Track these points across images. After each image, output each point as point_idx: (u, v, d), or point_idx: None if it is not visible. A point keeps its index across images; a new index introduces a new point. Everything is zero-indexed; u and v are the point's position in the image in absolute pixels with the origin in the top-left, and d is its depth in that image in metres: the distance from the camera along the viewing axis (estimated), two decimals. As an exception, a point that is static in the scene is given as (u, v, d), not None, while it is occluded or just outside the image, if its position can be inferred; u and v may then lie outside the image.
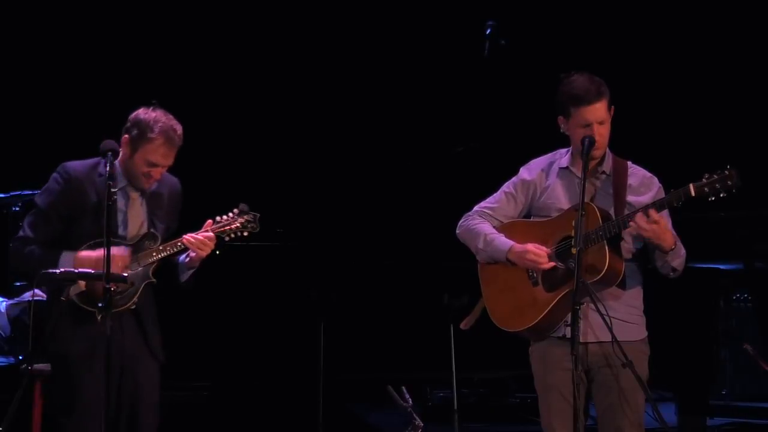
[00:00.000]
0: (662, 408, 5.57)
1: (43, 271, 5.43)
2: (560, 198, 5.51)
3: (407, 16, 9.71)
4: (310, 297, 8.22)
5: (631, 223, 5.26)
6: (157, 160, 5.60)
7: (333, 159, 9.65)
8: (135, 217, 5.70)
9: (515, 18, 8.86)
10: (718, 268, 7.90)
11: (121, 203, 5.65)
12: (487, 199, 5.68)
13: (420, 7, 9.70)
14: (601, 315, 5.24)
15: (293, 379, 8.56)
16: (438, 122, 9.44)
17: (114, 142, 5.54)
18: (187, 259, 5.72)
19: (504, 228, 5.59)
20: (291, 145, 9.73)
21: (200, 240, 5.64)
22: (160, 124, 5.58)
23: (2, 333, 7.22)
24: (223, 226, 5.72)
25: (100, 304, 5.34)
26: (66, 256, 5.54)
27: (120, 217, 5.65)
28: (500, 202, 5.64)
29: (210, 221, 5.72)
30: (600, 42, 9.37)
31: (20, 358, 7.08)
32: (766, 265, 7.77)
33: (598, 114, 5.39)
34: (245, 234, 5.76)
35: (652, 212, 5.21)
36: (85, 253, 5.54)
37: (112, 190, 5.53)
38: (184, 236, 5.66)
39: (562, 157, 5.59)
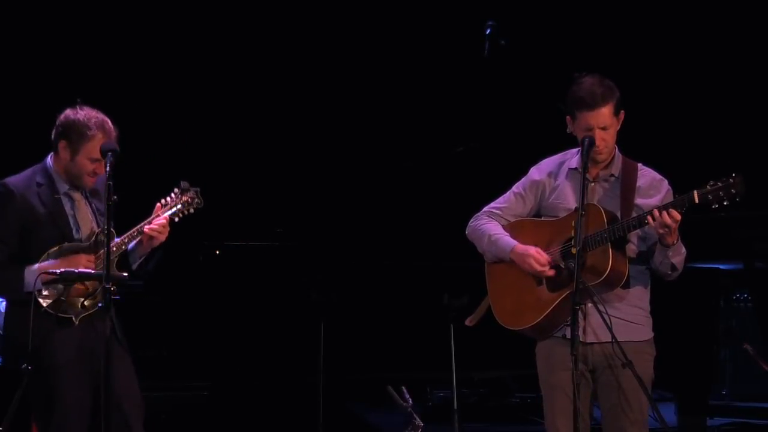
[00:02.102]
0: (662, 408, 5.57)
1: (44, 272, 5.43)
2: (569, 198, 5.50)
3: (407, 16, 9.71)
4: (310, 297, 8.22)
5: (649, 218, 5.23)
6: (99, 155, 5.59)
7: (333, 159, 9.65)
8: (84, 218, 5.69)
9: (515, 18, 8.86)
10: (718, 268, 7.90)
11: (67, 207, 5.66)
12: (497, 200, 5.68)
13: (420, 7, 9.70)
14: (602, 315, 5.24)
15: (293, 378, 8.56)
16: (438, 122, 9.44)
17: (114, 142, 5.55)
18: (137, 246, 5.70)
19: (511, 226, 5.60)
20: (290, 145, 9.72)
21: (159, 227, 5.63)
22: (93, 120, 5.61)
23: (2, 333, 7.21)
24: (171, 207, 5.71)
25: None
26: (29, 271, 5.52)
27: (71, 221, 5.65)
28: (509, 202, 5.63)
29: (159, 205, 5.72)
30: (601, 42, 9.37)
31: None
32: (766, 265, 7.77)
33: (600, 119, 5.37)
34: (191, 211, 5.75)
35: (674, 212, 5.20)
36: (48, 263, 5.53)
37: (57, 196, 5.57)
38: (146, 227, 5.63)
39: (572, 157, 5.57)
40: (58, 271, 5.41)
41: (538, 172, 5.64)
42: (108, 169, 5.41)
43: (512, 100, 8.68)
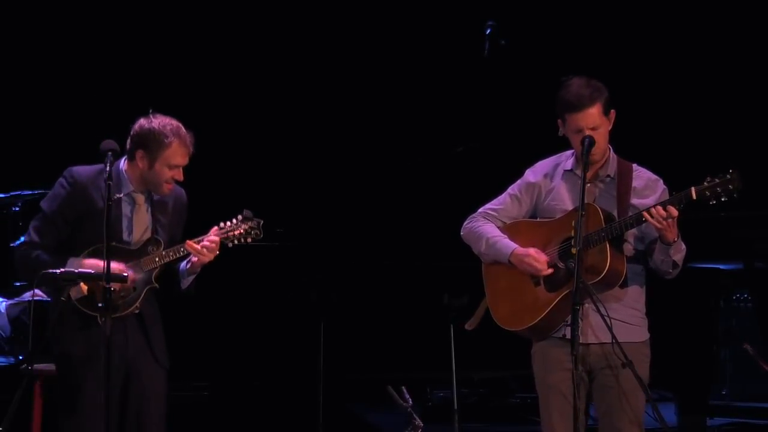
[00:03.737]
0: (662, 408, 5.58)
1: (44, 272, 5.44)
2: (564, 200, 5.51)
3: (407, 16, 9.71)
4: (310, 297, 8.22)
5: (645, 214, 5.23)
6: (178, 161, 5.67)
7: (333, 159, 9.65)
8: (140, 222, 5.72)
9: (515, 18, 8.86)
10: (718, 268, 7.90)
11: (126, 209, 5.69)
12: (492, 201, 5.68)
13: (420, 7, 9.70)
14: (602, 315, 5.25)
15: (293, 379, 8.56)
16: (438, 122, 9.44)
17: (114, 142, 5.56)
18: (188, 265, 5.73)
19: (508, 228, 5.60)
20: (291, 145, 9.72)
21: (204, 245, 5.65)
22: (169, 128, 5.66)
23: (2, 333, 7.22)
24: (227, 231, 5.73)
25: (100, 304, 5.36)
26: (72, 262, 5.54)
27: (125, 223, 5.68)
28: (505, 204, 5.64)
29: (216, 228, 5.74)
30: (601, 42, 9.37)
31: (20, 358, 7.08)
32: (766, 265, 7.77)
33: (589, 120, 5.38)
34: (248, 240, 5.78)
35: (671, 208, 5.20)
36: (88, 261, 5.55)
37: (118, 196, 5.58)
38: (187, 242, 5.67)
39: (567, 159, 5.58)
40: (57, 271, 5.42)
41: (533, 174, 5.64)
42: (108, 168, 5.42)
43: (512, 100, 8.68)
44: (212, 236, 5.69)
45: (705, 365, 7.88)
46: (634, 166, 5.54)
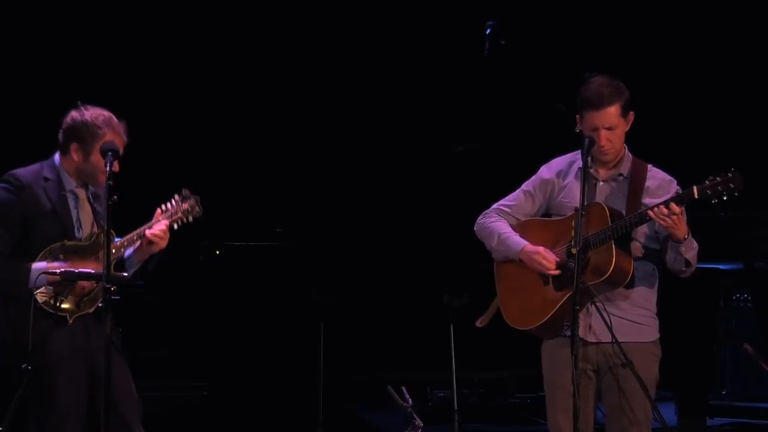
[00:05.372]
0: (662, 408, 5.57)
1: (43, 272, 5.42)
2: (577, 197, 5.46)
3: (407, 16, 9.71)
4: (310, 297, 8.22)
5: (650, 213, 5.24)
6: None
7: (333, 159, 9.66)
8: (86, 217, 5.71)
9: (515, 18, 8.86)
10: (718, 268, 7.90)
11: (72, 204, 5.67)
12: (506, 197, 5.69)
13: (420, 7, 9.70)
14: (600, 315, 5.25)
15: (293, 379, 8.56)
16: (438, 122, 9.44)
17: (113, 142, 5.54)
18: (134, 253, 5.70)
19: (519, 226, 5.61)
20: (291, 146, 9.73)
21: (160, 233, 5.63)
22: (101, 119, 5.65)
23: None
24: (172, 214, 5.72)
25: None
26: (36, 268, 5.49)
27: (74, 219, 5.66)
28: (518, 200, 5.65)
29: (159, 211, 5.72)
30: (600, 41, 9.37)
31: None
32: (766, 265, 7.78)
33: (605, 119, 5.38)
34: (190, 219, 5.76)
35: (673, 206, 5.21)
36: (56, 263, 5.52)
37: (63, 193, 5.58)
38: (147, 232, 5.64)
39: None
40: (58, 271, 5.41)
41: (548, 170, 5.64)
42: (108, 169, 5.41)
43: (512, 100, 8.68)
44: (160, 221, 5.67)
45: (705, 365, 7.88)
46: (649, 166, 5.53)
